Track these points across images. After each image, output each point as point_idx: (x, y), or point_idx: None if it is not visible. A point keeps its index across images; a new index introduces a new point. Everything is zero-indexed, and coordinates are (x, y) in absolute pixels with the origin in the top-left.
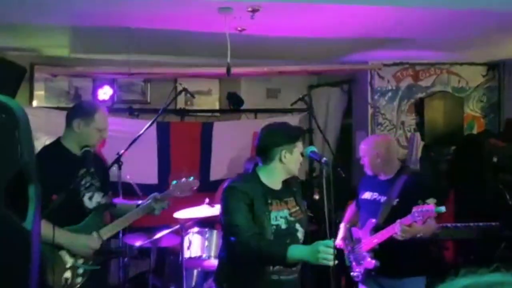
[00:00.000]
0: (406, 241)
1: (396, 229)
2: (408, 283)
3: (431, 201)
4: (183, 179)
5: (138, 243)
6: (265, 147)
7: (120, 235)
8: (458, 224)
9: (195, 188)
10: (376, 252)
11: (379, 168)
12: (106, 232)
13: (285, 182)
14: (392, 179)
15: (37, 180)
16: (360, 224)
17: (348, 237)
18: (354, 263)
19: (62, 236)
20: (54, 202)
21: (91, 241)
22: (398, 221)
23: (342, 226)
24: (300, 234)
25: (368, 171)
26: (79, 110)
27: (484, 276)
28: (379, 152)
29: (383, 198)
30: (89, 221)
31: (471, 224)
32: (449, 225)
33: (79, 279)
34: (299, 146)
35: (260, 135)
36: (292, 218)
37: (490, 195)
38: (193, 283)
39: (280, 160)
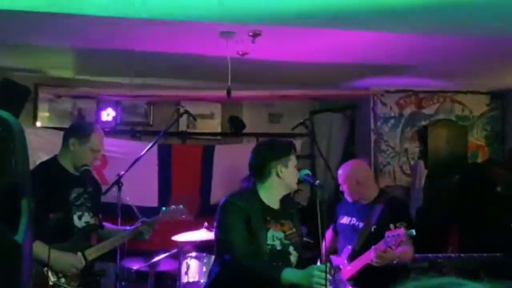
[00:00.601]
0: (386, 267)
1: (372, 256)
2: None
3: (402, 225)
4: (172, 206)
5: (135, 267)
6: (260, 164)
7: (118, 258)
8: (462, 255)
9: (183, 216)
10: (356, 280)
11: (359, 194)
12: (92, 253)
13: (283, 204)
14: (370, 204)
15: (31, 194)
16: (339, 250)
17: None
18: None
19: (46, 252)
20: (51, 220)
21: (75, 261)
22: (373, 247)
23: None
24: (293, 258)
25: (348, 198)
26: (75, 129)
27: (434, 278)
28: (358, 178)
29: (360, 224)
30: (76, 240)
31: (475, 254)
32: (452, 255)
33: None
34: (293, 160)
35: (252, 154)
36: (286, 241)
37: (494, 225)
38: None
39: (277, 175)
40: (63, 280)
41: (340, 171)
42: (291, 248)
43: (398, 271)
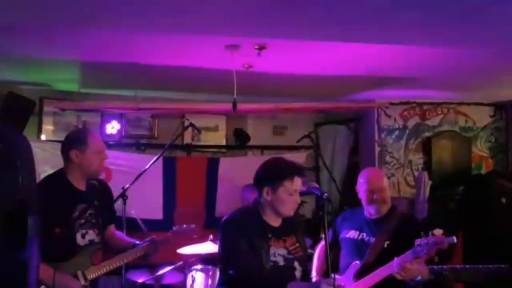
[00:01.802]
0: (391, 284)
1: (395, 267)
2: None
3: (438, 232)
4: (184, 226)
5: (140, 280)
6: (255, 182)
7: (123, 271)
8: (467, 266)
9: (195, 236)
10: None
11: (385, 205)
12: (93, 272)
13: (285, 220)
14: (382, 218)
15: (38, 211)
16: (341, 266)
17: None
18: None
19: (44, 271)
20: (56, 236)
21: (74, 281)
22: (397, 258)
23: (314, 278)
24: (298, 273)
25: (372, 209)
26: (71, 141)
27: None
28: (387, 185)
29: (372, 239)
30: (77, 259)
31: (480, 266)
32: (458, 266)
33: None
34: (287, 186)
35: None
36: (290, 256)
37: (499, 236)
38: None
39: (265, 198)
40: None
41: (372, 176)
42: (295, 263)
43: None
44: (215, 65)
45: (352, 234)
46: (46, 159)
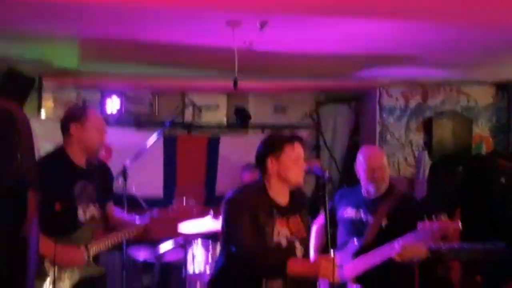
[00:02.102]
0: (387, 264)
1: (397, 248)
2: None
3: (445, 217)
4: (183, 202)
5: (141, 258)
6: (257, 159)
7: (124, 247)
8: (464, 245)
9: (194, 211)
10: (358, 277)
11: (384, 184)
12: (95, 246)
13: (293, 198)
14: (380, 197)
15: (37, 187)
16: (338, 244)
17: None
18: None
19: (47, 246)
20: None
21: (77, 255)
22: (398, 241)
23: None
24: (299, 252)
25: (372, 187)
26: (71, 115)
27: None
28: (387, 164)
29: (370, 218)
30: (79, 234)
31: (478, 245)
32: (455, 245)
33: None
34: (287, 152)
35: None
36: (292, 237)
37: (498, 216)
38: None
39: (271, 169)
40: (63, 274)
41: (372, 154)
42: (297, 243)
43: (401, 268)
44: (216, 42)
45: (350, 212)
46: (46, 136)
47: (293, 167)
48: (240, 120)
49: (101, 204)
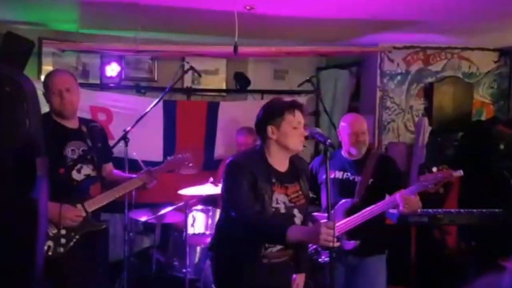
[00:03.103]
0: (373, 219)
1: (398, 200)
2: (375, 260)
3: (444, 167)
4: (178, 155)
5: (143, 218)
6: (257, 126)
7: (126, 210)
8: (461, 210)
9: (190, 164)
10: (349, 233)
11: (365, 145)
12: (92, 204)
13: (292, 166)
14: (361, 159)
15: (45, 153)
16: (323, 205)
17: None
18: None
19: (53, 209)
20: (61, 176)
21: (75, 213)
22: (399, 192)
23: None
24: (298, 220)
25: (355, 150)
26: (44, 80)
27: None
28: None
29: (357, 178)
30: (76, 193)
31: (475, 210)
32: (452, 210)
33: (61, 249)
34: (288, 119)
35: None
36: (291, 204)
37: (496, 181)
38: (196, 259)
39: (271, 137)
40: (63, 231)
41: (355, 120)
42: (295, 211)
43: (379, 222)
44: (216, 6)
45: (337, 174)
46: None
47: (293, 135)
48: (240, 85)
49: (96, 164)
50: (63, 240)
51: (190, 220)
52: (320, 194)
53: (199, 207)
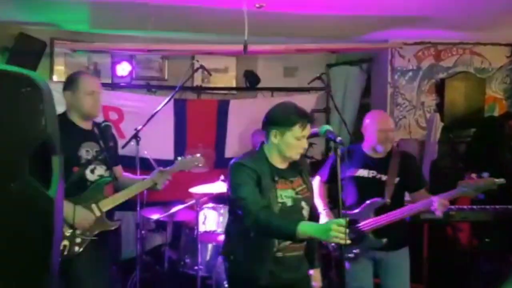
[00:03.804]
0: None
1: (436, 204)
2: (401, 253)
3: (487, 174)
4: (188, 156)
5: (155, 217)
6: (263, 123)
7: (138, 208)
8: (474, 207)
9: (200, 165)
10: (376, 230)
11: (390, 144)
12: (106, 204)
13: (292, 162)
14: (386, 157)
15: (60, 152)
16: (350, 203)
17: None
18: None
19: (67, 208)
20: (74, 174)
21: (89, 213)
22: (437, 196)
23: (324, 211)
24: (306, 212)
25: (381, 147)
26: (65, 83)
27: None
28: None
29: (383, 177)
30: (89, 193)
31: (487, 206)
32: (465, 207)
33: (76, 248)
34: (295, 131)
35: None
36: (299, 196)
37: (509, 177)
38: (208, 257)
39: (272, 140)
40: (78, 231)
41: (384, 118)
42: (303, 203)
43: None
44: (226, 5)
45: (362, 172)
46: (58, 100)
47: (293, 146)
48: (249, 83)
49: (108, 165)
50: (78, 240)
51: (201, 218)
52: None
53: (210, 205)
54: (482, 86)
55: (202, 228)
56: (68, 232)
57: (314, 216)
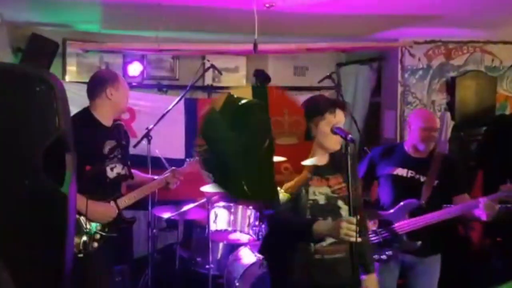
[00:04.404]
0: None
1: (482, 207)
2: (432, 260)
3: None
4: (197, 158)
5: (166, 215)
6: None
7: (149, 207)
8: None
9: None
10: (410, 233)
11: (433, 144)
12: (124, 201)
13: (332, 158)
14: (426, 158)
15: (74, 149)
16: (385, 203)
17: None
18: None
19: (81, 202)
20: (87, 173)
21: (109, 209)
22: (485, 198)
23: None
24: (344, 212)
25: (424, 146)
26: (105, 79)
27: None
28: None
29: (422, 178)
30: (108, 190)
31: (499, 205)
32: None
33: (95, 244)
34: (327, 119)
35: None
36: (334, 195)
37: None
38: (219, 256)
39: (313, 134)
40: (98, 227)
41: (430, 116)
42: (340, 202)
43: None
44: (236, 5)
45: (400, 171)
46: (71, 100)
47: (331, 135)
48: (260, 82)
49: (126, 163)
50: (97, 236)
51: (212, 217)
52: (377, 188)
53: (221, 203)
54: (493, 85)
55: (213, 227)
56: (87, 228)
57: (362, 216)
